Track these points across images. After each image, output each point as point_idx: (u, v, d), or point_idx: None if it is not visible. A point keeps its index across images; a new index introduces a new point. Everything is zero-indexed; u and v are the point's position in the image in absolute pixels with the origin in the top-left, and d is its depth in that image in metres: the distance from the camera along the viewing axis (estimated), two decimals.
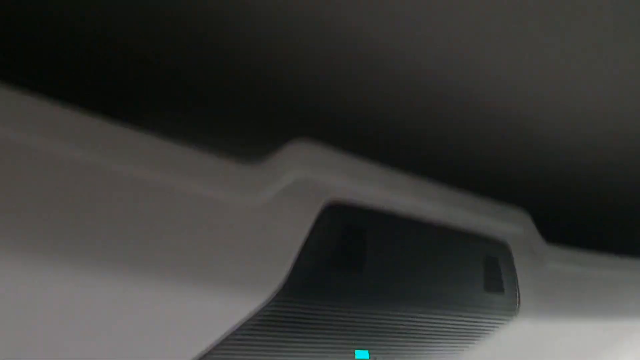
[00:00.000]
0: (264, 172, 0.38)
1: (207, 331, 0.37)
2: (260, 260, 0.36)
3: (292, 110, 0.56)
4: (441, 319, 0.48)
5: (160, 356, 0.35)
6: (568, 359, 0.70)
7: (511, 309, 0.52)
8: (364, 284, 0.41)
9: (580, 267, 0.59)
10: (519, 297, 0.52)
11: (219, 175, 0.35)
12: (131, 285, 0.31)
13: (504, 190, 0.70)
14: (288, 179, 0.39)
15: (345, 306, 0.40)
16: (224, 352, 0.38)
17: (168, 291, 0.33)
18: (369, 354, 0.45)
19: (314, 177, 0.40)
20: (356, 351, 0.44)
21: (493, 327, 0.52)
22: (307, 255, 0.38)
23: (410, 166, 0.67)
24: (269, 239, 0.37)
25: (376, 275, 0.42)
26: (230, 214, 0.35)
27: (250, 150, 0.57)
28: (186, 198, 0.33)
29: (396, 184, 0.45)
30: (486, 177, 0.69)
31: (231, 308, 0.36)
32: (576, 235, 0.80)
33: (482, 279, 0.50)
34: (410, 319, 0.45)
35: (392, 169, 0.45)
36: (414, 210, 0.46)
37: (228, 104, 0.55)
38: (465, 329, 0.50)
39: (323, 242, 0.39)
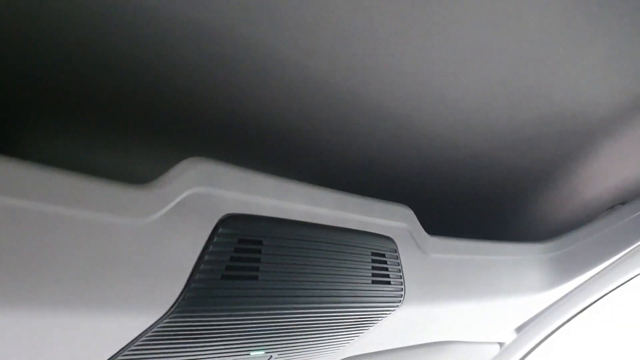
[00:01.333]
0: (154, 192, 0.38)
1: (104, 348, 0.38)
2: (154, 278, 0.37)
3: (185, 121, 0.56)
4: (333, 313, 0.52)
5: None
6: (451, 336, 0.78)
7: (397, 297, 0.57)
8: (260, 290, 0.44)
9: (460, 254, 0.66)
10: (404, 286, 0.58)
11: (105, 198, 0.35)
12: (22, 314, 0.32)
13: (390, 185, 0.76)
14: (180, 197, 0.39)
15: (241, 313, 0.43)
16: None
17: (61, 316, 0.34)
18: (265, 352, 0.48)
19: (207, 193, 0.41)
20: (251, 352, 0.47)
21: (382, 315, 0.57)
22: (202, 269, 0.40)
23: (302, 169, 0.70)
24: (163, 257, 0.38)
25: (271, 280, 0.45)
26: (120, 236, 0.36)
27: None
28: (74, 225, 0.34)
29: (289, 193, 0.47)
30: (373, 173, 0.74)
31: (127, 325, 0.37)
32: (457, 223, 0.89)
33: (370, 273, 0.55)
34: (304, 316, 0.49)
35: (284, 178, 0.48)
36: (306, 217, 0.49)
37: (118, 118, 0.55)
38: (356, 319, 0.55)
39: (219, 255, 0.41)
